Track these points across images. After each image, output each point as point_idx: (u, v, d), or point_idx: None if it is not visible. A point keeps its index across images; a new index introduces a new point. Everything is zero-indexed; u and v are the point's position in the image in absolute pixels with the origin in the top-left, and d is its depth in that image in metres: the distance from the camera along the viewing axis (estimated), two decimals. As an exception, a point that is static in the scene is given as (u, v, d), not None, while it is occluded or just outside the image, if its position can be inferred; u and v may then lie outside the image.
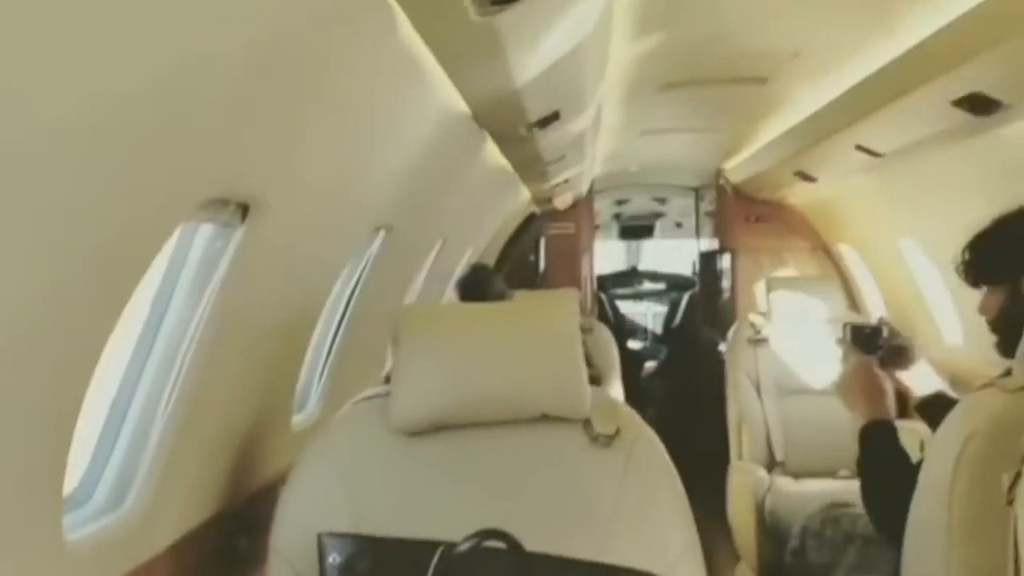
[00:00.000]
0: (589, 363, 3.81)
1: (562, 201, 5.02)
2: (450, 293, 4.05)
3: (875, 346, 2.33)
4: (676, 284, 7.62)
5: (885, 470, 2.00)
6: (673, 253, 8.03)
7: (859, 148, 3.12)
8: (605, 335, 4.59)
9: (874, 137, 2.96)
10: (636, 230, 7.89)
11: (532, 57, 1.70)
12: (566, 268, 5.73)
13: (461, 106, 2.02)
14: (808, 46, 2.62)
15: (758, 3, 2.33)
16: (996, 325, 1.93)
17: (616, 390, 4.23)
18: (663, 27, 2.41)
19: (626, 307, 7.83)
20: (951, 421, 1.83)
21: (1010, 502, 1.61)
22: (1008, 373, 1.70)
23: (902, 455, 1.99)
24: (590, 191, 5.68)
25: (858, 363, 2.29)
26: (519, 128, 2.37)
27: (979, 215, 3.03)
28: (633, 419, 1.71)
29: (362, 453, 1.63)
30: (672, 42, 2.56)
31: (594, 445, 1.62)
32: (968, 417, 1.79)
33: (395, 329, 1.63)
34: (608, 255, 8.09)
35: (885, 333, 2.38)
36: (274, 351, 1.90)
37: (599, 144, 4.35)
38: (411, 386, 1.59)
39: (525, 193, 4.52)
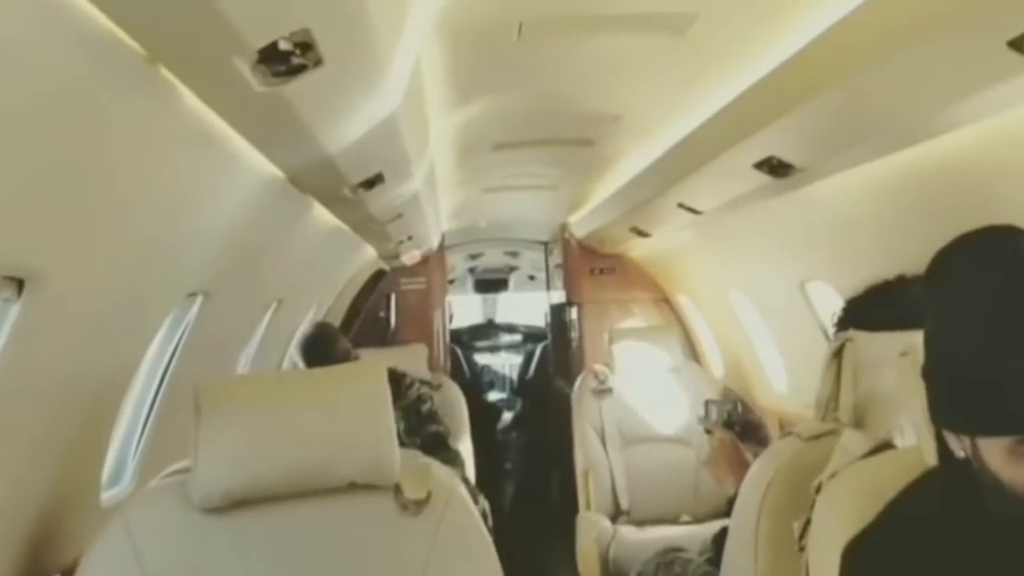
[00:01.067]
0: (437, 420, 3.81)
1: (410, 257, 5.01)
2: (293, 353, 3.97)
3: (731, 422, 2.47)
4: (532, 336, 7.72)
5: None
6: (530, 305, 8.14)
7: (681, 206, 3.26)
8: (454, 392, 4.59)
9: (693, 196, 3.11)
10: (491, 283, 7.97)
11: (338, 123, 1.71)
12: (418, 323, 5.70)
13: (274, 171, 2.00)
14: (627, 111, 2.74)
15: (577, 70, 2.42)
16: None
17: (465, 446, 4.23)
18: (485, 93, 2.47)
19: (484, 360, 7.86)
20: (754, 470, 1.91)
21: (802, 548, 1.69)
22: None
23: None
24: (441, 246, 5.71)
25: (723, 439, 2.43)
26: (342, 190, 2.36)
27: (795, 269, 3.23)
28: (446, 482, 1.71)
29: (162, 532, 1.56)
30: (497, 107, 2.63)
31: (404, 512, 1.61)
32: (769, 465, 1.87)
33: (196, 401, 1.58)
34: (465, 309, 8.13)
35: (739, 409, 2.58)
36: (75, 425, 1.81)
37: (443, 201, 4.39)
38: (211, 460, 1.54)
39: (371, 250, 4.49)
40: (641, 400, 4.26)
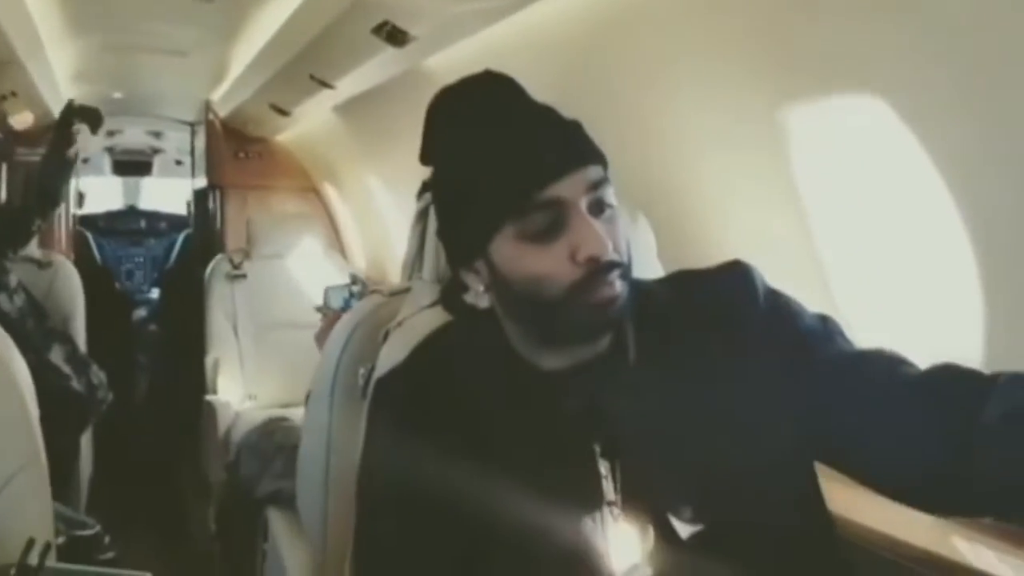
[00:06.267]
0: (43, 312, 3.46)
1: (20, 121, 4.33)
2: None
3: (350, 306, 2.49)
4: (177, 225, 7.28)
5: None
6: (178, 192, 7.63)
7: (313, 78, 3.15)
8: (67, 270, 4.18)
9: (322, 67, 3.01)
10: (132, 166, 7.33)
11: None
12: (33, 199, 5.10)
13: None
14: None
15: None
16: None
17: (79, 327, 3.87)
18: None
19: (123, 249, 7.30)
20: (338, 327, 1.93)
21: (365, 395, 1.74)
22: None
23: None
24: (66, 115, 5.11)
25: (332, 316, 2.48)
26: None
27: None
28: None
29: None
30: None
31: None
32: (350, 320, 1.90)
33: None
34: (103, 192, 7.45)
35: (358, 287, 2.71)
36: None
37: (59, 59, 3.90)
38: None
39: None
40: (277, 287, 4.20)
